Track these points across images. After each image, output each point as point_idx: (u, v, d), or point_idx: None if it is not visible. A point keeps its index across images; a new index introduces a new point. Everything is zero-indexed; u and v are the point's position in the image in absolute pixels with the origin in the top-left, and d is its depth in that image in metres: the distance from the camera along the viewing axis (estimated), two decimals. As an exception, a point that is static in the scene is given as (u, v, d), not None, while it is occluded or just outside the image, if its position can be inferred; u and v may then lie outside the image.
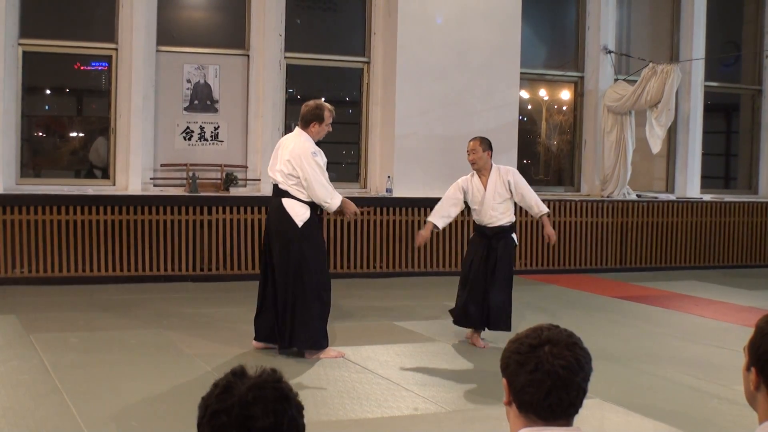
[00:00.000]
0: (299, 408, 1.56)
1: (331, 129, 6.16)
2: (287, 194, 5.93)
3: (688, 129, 11.86)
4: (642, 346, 6.71)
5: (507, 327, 6.43)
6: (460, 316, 6.56)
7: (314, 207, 6.00)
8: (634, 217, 11.15)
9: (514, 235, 6.67)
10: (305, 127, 6.02)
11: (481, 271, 6.48)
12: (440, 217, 6.56)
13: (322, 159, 5.99)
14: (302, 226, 5.90)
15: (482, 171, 6.53)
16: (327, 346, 6.02)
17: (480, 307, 6.43)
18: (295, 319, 5.89)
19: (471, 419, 4.81)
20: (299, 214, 5.91)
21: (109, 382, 5.26)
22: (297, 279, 5.90)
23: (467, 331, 6.64)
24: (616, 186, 11.17)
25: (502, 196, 6.50)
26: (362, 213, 6.89)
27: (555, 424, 1.82)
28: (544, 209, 6.64)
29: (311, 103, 6.11)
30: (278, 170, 5.97)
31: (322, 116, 6.01)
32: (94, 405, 4.77)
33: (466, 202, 6.63)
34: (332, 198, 5.95)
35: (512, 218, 6.62)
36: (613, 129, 11.18)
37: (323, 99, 6.87)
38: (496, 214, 6.50)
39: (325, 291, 6.02)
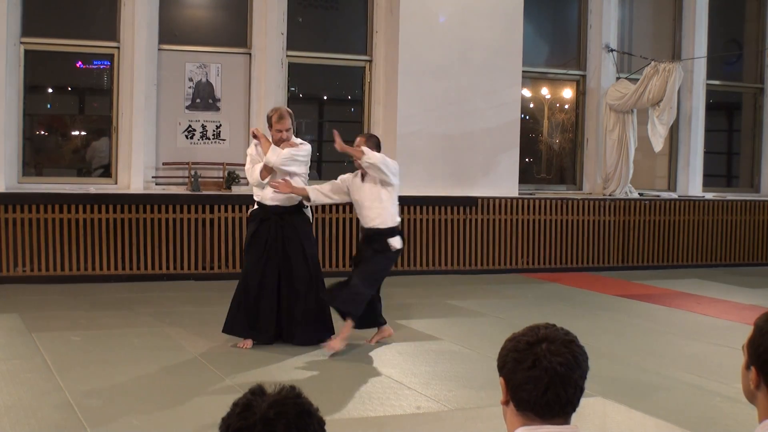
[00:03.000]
0: (321, 423, 1.56)
1: (282, 134, 6.21)
2: None
3: (690, 127, 11.85)
4: (644, 344, 6.71)
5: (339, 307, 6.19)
6: None
7: (261, 203, 6.28)
8: (636, 216, 11.14)
9: (392, 240, 6.17)
10: None
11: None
12: (316, 190, 6.29)
13: (255, 150, 6.33)
14: (248, 218, 6.45)
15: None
16: (235, 334, 6.19)
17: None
18: None
19: (473, 417, 4.81)
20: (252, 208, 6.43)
21: (112, 380, 5.26)
22: None
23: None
24: (618, 184, 11.17)
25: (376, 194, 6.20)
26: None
27: (552, 423, 1.83)
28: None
29: None
30: None
31: (270, 120, 6.32)
32: (96, 403, 4.78)
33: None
34: (251, 176, 6.29)
35: (389, 223, 6.18)
36: (615, 127, 11.17)
37: (325, 97, 6.94)
38: (370, 214, 6.18)
39: (243, 280, 6.22)
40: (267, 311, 6.19)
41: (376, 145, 6.21)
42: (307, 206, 6.39)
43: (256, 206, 6.33)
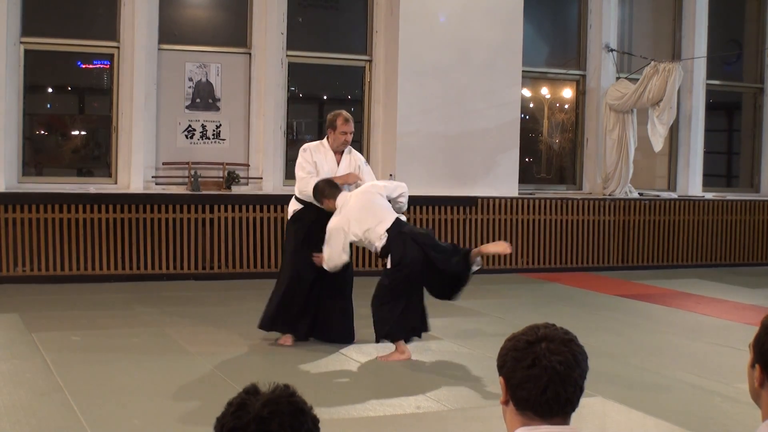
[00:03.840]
0: (315, 421, 1.57)
1: (346, 137, 6.33)
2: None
3: (690, 127, 11.85)
4: (644, 344, 6.71)
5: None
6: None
7: (309, 204, 6.27)
8: (636, 215, 11.14)
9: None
10: (326, 135, 6.46)
11: None
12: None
13: (314, 155, 6.29)
14: (289, 219, 6.47)
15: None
16: (277, 330, 6.30)
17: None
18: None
19: (473, 417, 4.81)
20: (290, 210, 6.45)
21: (111, 380, 5.26)
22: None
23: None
24: (618, 184, 11.17)
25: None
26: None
27: (552, 422, 1.83)
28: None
29: (332, 112, 6.52)
30: None
31: (334, 123, 6.32)
32: (96, 403, 4.78)
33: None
34: (305, 186, 6.24)
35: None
36: (615, 127, 11.17)
37: (325, 97, 6.94)
38: None
39: (284, 282, 6.30)
40: (308, 308, 6.30)
41: (323, 194, 6.10)
42: None
43: (300, 206, 6.33)
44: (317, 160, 6.31)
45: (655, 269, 10.99)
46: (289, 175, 10.23)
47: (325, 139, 6.43)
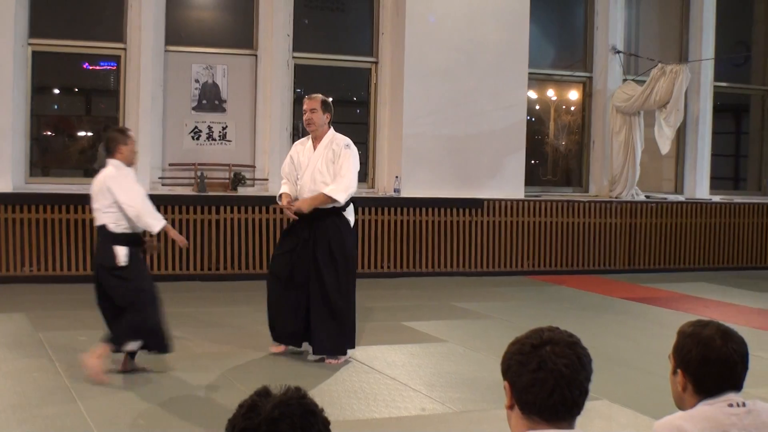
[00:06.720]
0: (325, 423, 1.58)
1: (305, 116, 6.20)
2: None
3: (697, 129, 11.82)
4: (650, 348, 6.69)
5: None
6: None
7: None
8: (643, 218, 11.12)
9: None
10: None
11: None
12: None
13: (294, 149, 6.25)
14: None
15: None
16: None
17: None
18: None
19: (478, 420, 4.81)
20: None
21: (117, 380, 5.27)
22: None
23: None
24: (624, 187, 11.15)
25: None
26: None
27: (558, 426, 1.82)
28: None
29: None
30: None
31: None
32: (102, 403, 4.79)
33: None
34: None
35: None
36: (621, 129, 11.15)
37: (331, 99, 6.82)
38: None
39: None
40: (286, 313, 5.86)
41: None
42: (345, 209, 5.92)
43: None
44: (293, 153, 6.11)
45: (662, 272, 10.96)
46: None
47: None
